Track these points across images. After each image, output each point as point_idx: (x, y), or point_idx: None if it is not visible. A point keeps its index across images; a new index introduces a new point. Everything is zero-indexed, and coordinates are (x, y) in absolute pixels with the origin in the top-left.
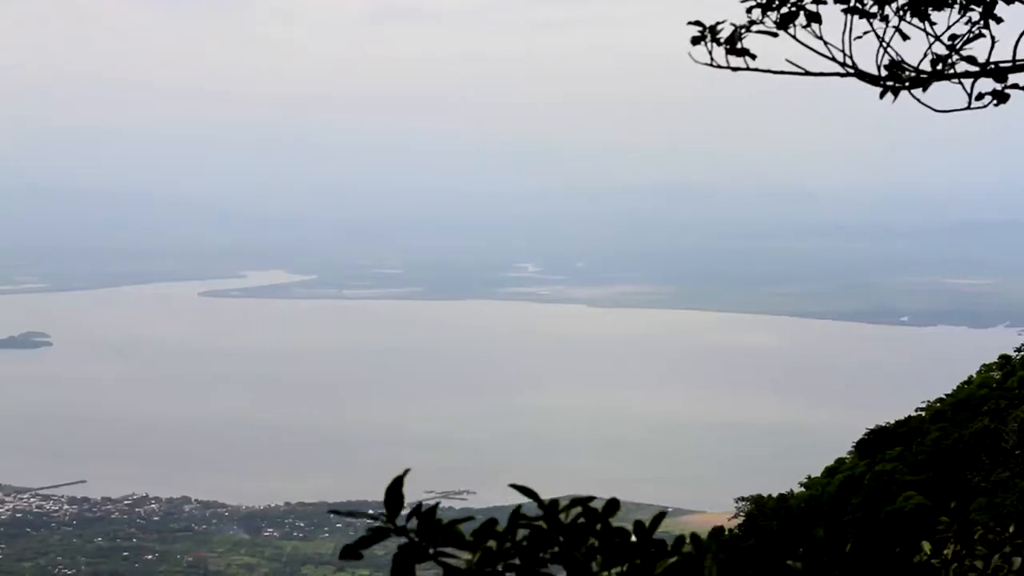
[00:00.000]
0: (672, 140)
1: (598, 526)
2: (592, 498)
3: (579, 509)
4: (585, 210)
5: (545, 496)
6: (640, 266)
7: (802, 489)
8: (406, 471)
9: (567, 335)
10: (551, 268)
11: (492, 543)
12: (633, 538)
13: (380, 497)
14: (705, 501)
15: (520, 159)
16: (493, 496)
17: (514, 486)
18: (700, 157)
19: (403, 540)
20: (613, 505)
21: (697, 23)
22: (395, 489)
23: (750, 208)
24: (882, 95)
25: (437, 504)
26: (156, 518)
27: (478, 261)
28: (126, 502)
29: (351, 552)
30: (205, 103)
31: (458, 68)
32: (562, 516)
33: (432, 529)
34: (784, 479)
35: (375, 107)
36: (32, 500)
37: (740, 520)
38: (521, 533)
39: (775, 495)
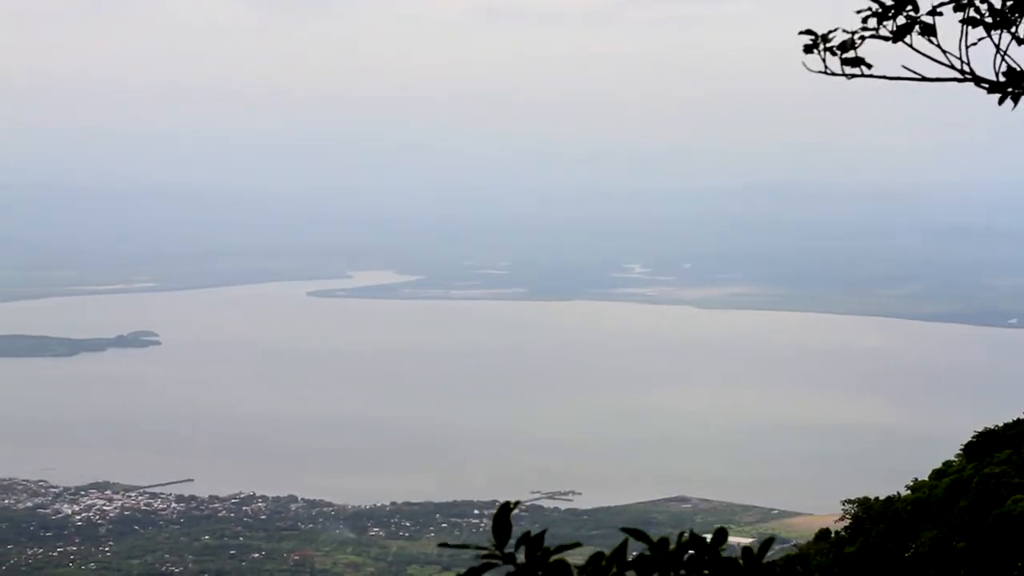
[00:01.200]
0: (782, 140)
1: (706, 557)
2: (703, 539)
3: (687, 538)
4: (693, 210)
5: (653, 497)
6: (748, 267)
7: (909, 492)
8: (516, 503)
9: (674, 336)
10: (658, 269)
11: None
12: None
13: (486, 497)
14: (811, 503)
15: (626, 159)
16: (599, 497)
17: (625, 530)
18: (809, 157)
19: (511, 569)
20: (721, 535)
21: (809, 32)
22: (502, 518)
23: (860, 208)
24: (1001, 101)
25: (544, 532)
26: (263, 516)
27: (584, 262)
28: (233, 500)
29: None
30: (313, 105)
31: (560, 68)
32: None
33: (539, 560)
34: (891, 481)
35: (479, 108)
36: (140, 498)
37: (846, 523)
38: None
39: (881, 498)
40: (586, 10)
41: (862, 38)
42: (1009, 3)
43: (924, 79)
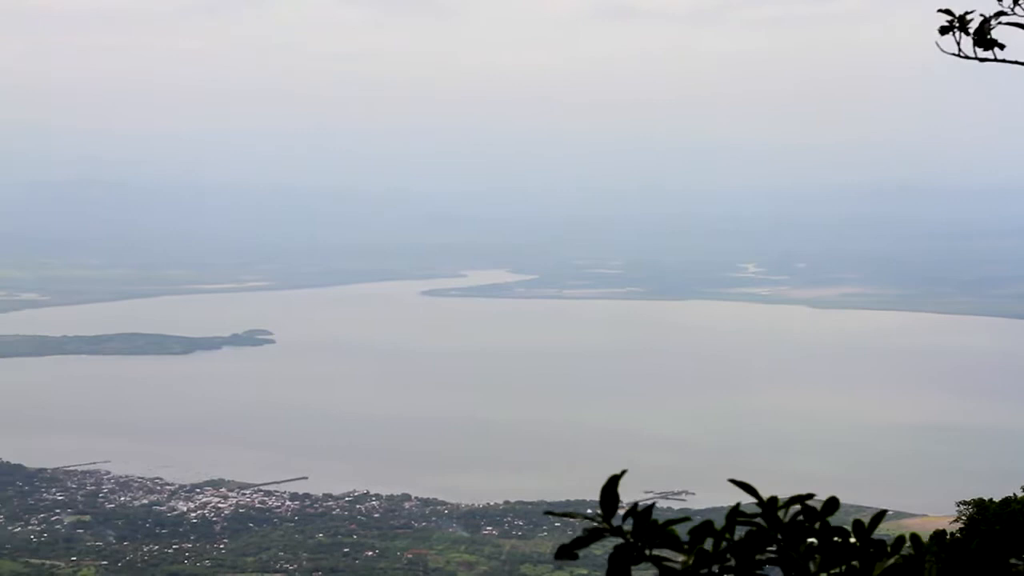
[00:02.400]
0: (897, 138)
1: (817, 525)
2: (811, 495)
3: (798, 507)
4: (807, 210)
5: (765, 497)
6: (862, 267)
7: None
8: (623, 472)
9: (787, 336)
10: (772, 268)
11: (707, 545)
12: (852, 539)
13: (598, 497)
14: (924, 504)
15: (737, 158)
16: (712, 497)
17: (733, 481)
18: (923, 156)
19: (619, 541)
20: (832, 504)
21: (947, 11)
22: (610, 489)
23: (976, 207)
24: None
25: (653, 504)
26: (376, 515)
27: (698, 261)
28: (347, 499)
29: (566, 552)
30: (425, 106)
31: (667, 67)
32: (780, 514)
33: (648, 530)
34: (1006, 482)
35: (587, 107)
36: (255, 496)
37: (961, 524)
38: (738, 533)
39: (997, 499)
40: (694, 9)
41: (997, 19)
42: None
43: None
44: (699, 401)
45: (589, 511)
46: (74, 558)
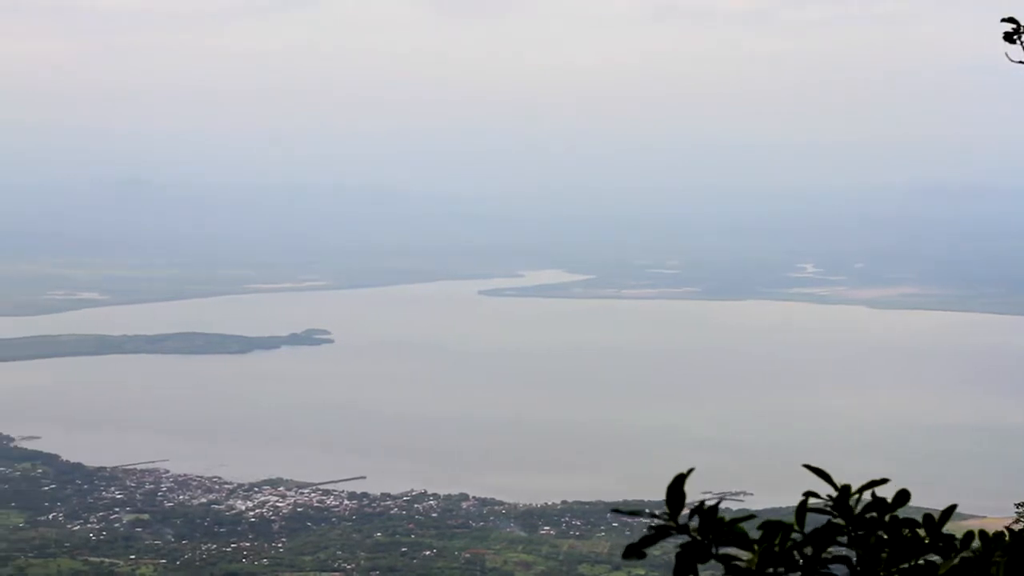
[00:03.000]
0: (949, 137)
1: (887, 517)
2: (886, 480)
3: (868, 499)
4: (865, 210)
5: (828, 492)
6: (922, 267)
7: None
8: (689, 471)
9: (846, 336)
10: (830, 268)
11: (775, 542)
12: (921, 532)
13: (657, 497)
14: (983, 506)
15: (792, 158)
16: (771, 498)
17: (808, 467)
18: (975, 154)
19: (685, 539)
20: (903, 496)
21: (1011, 20)
22: (676, 487)
23: None
24: None
25: (719, 502)
26: (434, 514)
27: (756, 261)
28: (405, 498)
29: (635, 551)
30: (483, 105)
31: (717, 66)
32: (852, 504)
33: (715, 527)
34: None
35: (640, 107)
36: (313, 495)
37: (1020, 525)
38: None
39: None
40: (744, 9)
41: None
42: None
43: None
44: (757, 401)
45: (651, 511)
46: (133, 556)
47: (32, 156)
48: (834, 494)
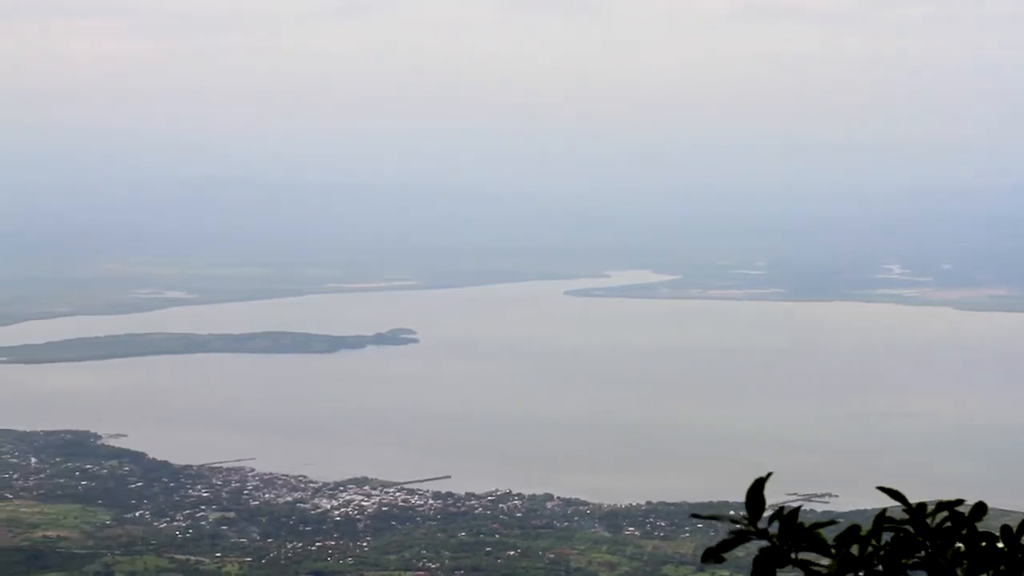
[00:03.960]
0: None
1: (964, 531)
2: (960, 501)
3: (945, 513)
4: (951, 209)
5: (911, 500)
6: (1009, 268)
7: None
8: (768, 474)
9: (933, 338)
10: (917, 269)
11: (854, 549)
12: (1000, 544)
13: (741, 498)
14: None
15: (877, 158)
16: (855, 499)
17: (882, 488)
18: None
19: (764, 543)
20: (980, 509)
21: None
22: (756, 492)
23: None
24: None
25: (799, 507)
26: (518, 514)
27: (842, 262)
28: (489, 498)
29: (713, 554)
30: (570, 105)
31: (809, 66)
32: (928, 520)
33: (794, 533)
34: None
35: (729, 107)
36: (398, 494)
37: None
38: (884, 538)
39: None
40: (834, 10)
41: None
42: None
43: None
44: (842, 402)
45: (733, 513)
46: (219, 554)
47: (122, 157)
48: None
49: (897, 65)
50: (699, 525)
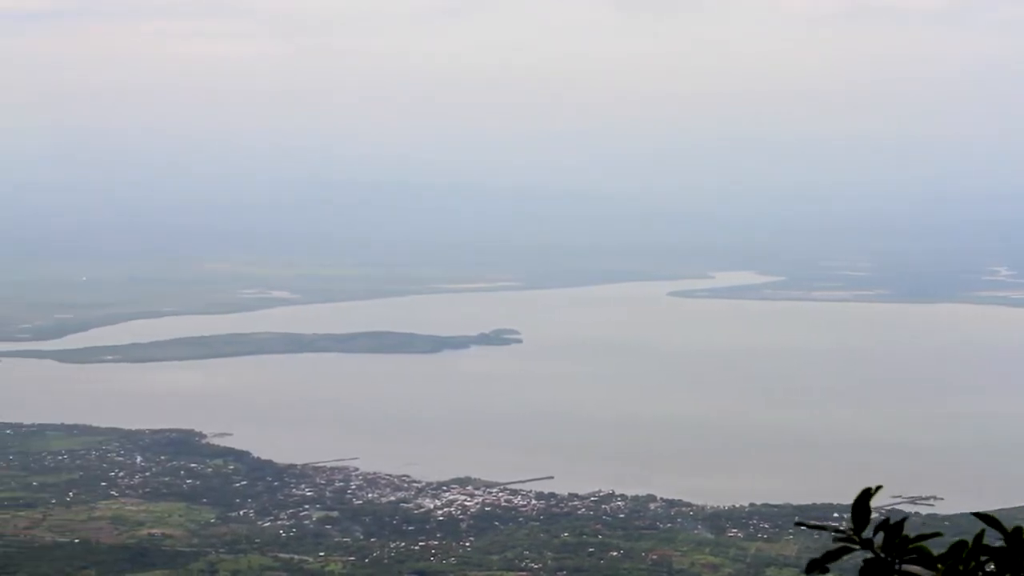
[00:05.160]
0: None
1: None
2: None
3: None
4: None
5: (1020, 503)
6: None
7: None
8: (878, 487)
9: None
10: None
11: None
12: None
13: (846, 500)
14: None
15: (981, 159)
16: (960, 503)
17: (977, 515)
18: None
19: (868, 555)
20: None
21: None
22: (863, 503)
23: None
24: None
25: (905, 518)
26: (621, 515)
27: (949, 263)
28: (592, 499)
29: (817, 565)
30: (672, 105)
31: (911, 66)
32: None
33: (898, 545)
34: None
35: (832, 106)
36: (501, 494)
37: None
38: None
39: None
40: (938, 9)
41: None
42: None
43: None
44: (946, 405)
45: (838, 521)
46: (322, 553)
47: (229, 158)
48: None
49: (994, 64)
50: (803, 528)
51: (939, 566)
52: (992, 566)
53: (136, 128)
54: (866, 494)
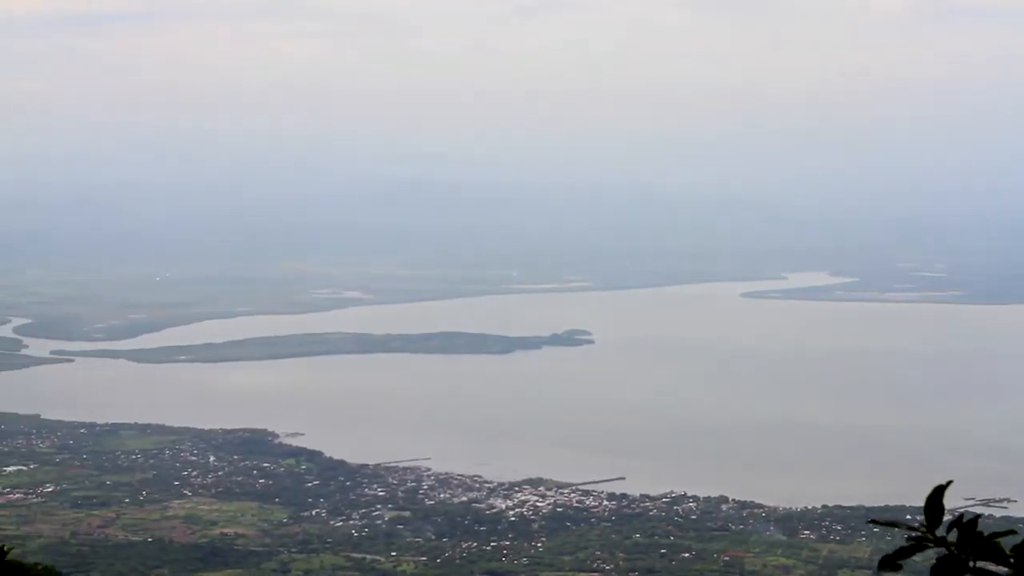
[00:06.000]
0: None
1: None
2: None
3: None
4: None
5: None
6: None
7: None
8: (948, 483)
9: None
10: None
11: None
12: None
13: (919, 503)
14: None
15: None
16: None
17: None
18: None
19: (942, 552)
20: None
21: None
22: (935, 500)
23: None
24: None
25: (978, 516)
26: (693, 517)
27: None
28: (664, 500)
29: (889, 562)
30: (753, 105)
31: (992, 69)
32: None
33: (972, 542)
34: None
35: (913, 107)
36: (573, 495)
37: None
38: None
39: None
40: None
41: None
42: None
43: None
44: (1018, 406)
45: (911, 518)
46: (394, 553)
47: (306, 158)
48: None
49: None
50: (875, 529)
51: (1011, 561)
52: None
53: (222, 128)
54: (939, 491)
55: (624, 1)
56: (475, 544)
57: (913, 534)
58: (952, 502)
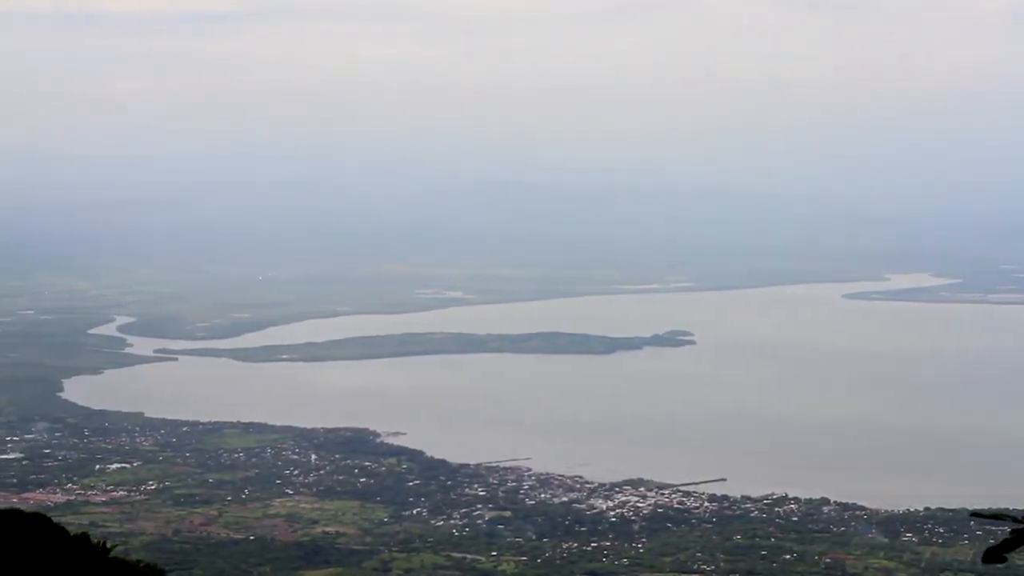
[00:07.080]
0: None
1: None
2: None
3: None
4: None
5: None
6: None
7: None
8: None
9: None
10: None
11: None
12: None
13: (1022, 505)
14: None
15: None
16: None
17: None
18: None
19: None
20: None
21: None
22: None
23: None
24: None
25: None
26: (794, 518)
27: None
28: (765, 501)
29: (994, 555)
30: (849, 105)
31: None
32: None
33: None
34: None
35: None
36: (673, 496)
37: None
38: None
39: None
40: None
41: None
42: None
43: None
44: None
45: (1015, 511)
46: (494, 553)
47: (408, 158)
48: None
49: None
50: (978, 532)
51: None
52: None
53: (323, 128)
54: None
55: (724, 3)
56: (575, 544)
57: (1017, 526)
58: None
